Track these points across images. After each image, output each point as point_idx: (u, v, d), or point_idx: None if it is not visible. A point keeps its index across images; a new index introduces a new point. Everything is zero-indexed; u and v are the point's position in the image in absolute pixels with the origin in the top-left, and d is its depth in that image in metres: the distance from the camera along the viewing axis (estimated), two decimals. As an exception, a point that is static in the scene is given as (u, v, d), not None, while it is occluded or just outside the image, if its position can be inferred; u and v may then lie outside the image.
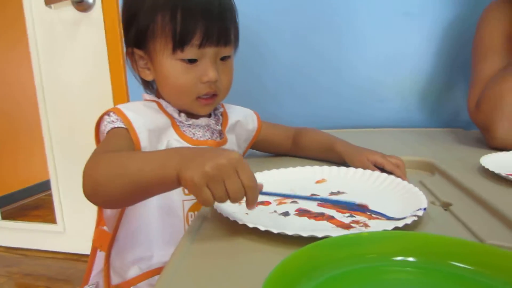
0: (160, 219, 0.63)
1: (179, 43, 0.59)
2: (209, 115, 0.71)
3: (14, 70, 2.26)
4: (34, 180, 2.45)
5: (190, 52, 0.59)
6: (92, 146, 0.58)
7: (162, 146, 0.62)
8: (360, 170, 0.62)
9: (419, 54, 1.10)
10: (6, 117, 2.25)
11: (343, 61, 1.14)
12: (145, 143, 0.58)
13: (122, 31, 0.68)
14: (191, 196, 0.61)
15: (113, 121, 0.59)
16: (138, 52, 0.64)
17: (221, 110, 0.74)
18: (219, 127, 0.71)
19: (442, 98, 1.12)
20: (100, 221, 0.69)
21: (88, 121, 1.45)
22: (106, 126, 0.59)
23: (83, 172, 0.48)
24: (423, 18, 1.08)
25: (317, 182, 0.61)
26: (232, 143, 0.73)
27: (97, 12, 1.34)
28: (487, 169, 0.63)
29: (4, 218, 1.83)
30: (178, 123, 0.66)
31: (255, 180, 0.41)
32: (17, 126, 2.32)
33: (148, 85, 0.70)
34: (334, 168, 0.64)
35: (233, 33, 0.64)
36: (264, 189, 0.55)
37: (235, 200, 0.41)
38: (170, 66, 0.61)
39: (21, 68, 2.15)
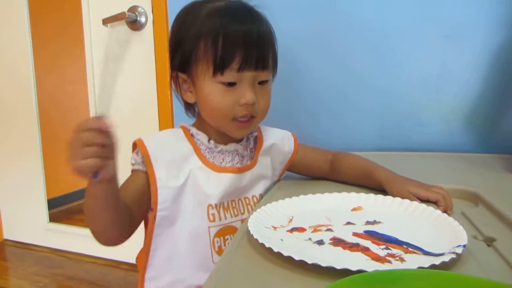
0: (189, 245, 0.66)
1: (219, 67, 0.62)
2: (239, 140, 0.73)
3: (72, 83, 2.43)
4: (80, 185, 2.58)
5: (229, 75, 0.63)
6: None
7: (185, 174, 0.66)
8: (398, 199, 0.61)
9: (466, 77, 1.07)
10: (58, 125, 2.40)
11: (383, 83, 1.13)
12: (160, 174, 0.64)
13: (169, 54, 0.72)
14: (216, 223, 0.66)
15: (136, 162, 0.65)
16: (182, 75, 0.68)
17: (255, 134, 0.76)
18: (247, 152, 0.73)
19: (491, 123, 1.08)
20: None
21: (133, 132, 1.52)
22: (132, 163, 0.66)
23: None
24: (471, 40, 1.05)
25: (353, 209, 0.61)
26: (266, 165, 0.75)
27: (148, 31, 1.42)
28: (536, 204, 0.60)
29: (51, 220, 1.93)
30: (203, 151, 0.69)
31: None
32: (66, 134, 2.47)
33: (190, 108, 0.74)
34: (372, 195, 0.63)
35: (271, 59, 0.67)
36: (299, 215, 0.57)
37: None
38: (211, 88, 0.64)
39: (78, 81, 2.30)
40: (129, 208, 0.61)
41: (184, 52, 0.65)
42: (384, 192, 0.67)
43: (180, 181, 0.65)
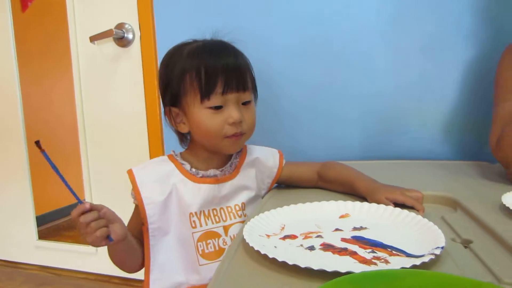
0: (180, 250, 0.74)
1: (206, 93, 0.71)
2: (222, 165, 0.80)
3: (58, 100, 2.43)
4: (68, 202, 2.57)
5: (215, 99, 0.71)
6: (123, 172, 0.77)
7: (168, 188, 0.74)
8: (382, 206, 0.65)
9: (444, 87, 1.13)
10: (46, 141, 2.39)
11: (365, 93, 1.18)
12: (146, 193, 0.74)
13: (158, 68, 0.82)
14: (197, 229, 0.74)
15: (133, 197, 0.75)
16: (174, 109, 0.76)
17: (240, 150, 0.82)
18: (229, 171, 0.80)
19: (467, 131, 1.14)
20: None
21: (122, 146, 1.54)
22: (132, 198, 0.76)
23: None
24: (448, 52, 1.11)
25: (341, 217, 0.65)
26: (250, 177, 0.81)
27: (135, 48, 1.45)
28: (509, 207, 0.64)
29: (40, 237, 1.92)
30: (185, 167, 0.77)
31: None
32: (55, 152, 2.46)
33: (183, 139, 0.82)
34: (358, 203, 0.68)
35: (250, 81, 0.76)
36: (291, 223, 0.61)
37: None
38: (201, 113, 0.72)
39: (65, 98, 2.31)
40: (139, 239, 0.76)
41: (173, 89, 0.74)
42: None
43: (164, 195, 0.74)
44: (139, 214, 0.74)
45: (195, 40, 0.78)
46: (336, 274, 0.42)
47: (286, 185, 0.88)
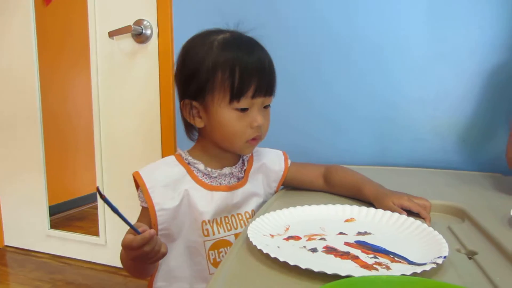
0: (188, 258, 0.73)
1: (237, 95, 0.68)
2: (235, 162, 0.79)
3: (75, 93, 2.48)
4: (80, 193, 2.62)
5: (244, 102, 0.69)
6: (135, 167, 0.74)
7: (180, 195, 0.72)
8: (388, 212, 0.65)
9: (461, 97, 1.12)
10: (61, 134, 2.44)
11: (382, 99, 1.17)
12: (157, 199, 0.70)
13: (174, 64, 0.77)
14: (210, 237, 0.72)
15: (141, 199, 0.73)
16: (194, 103, 0.72)
17: (248, 155, 0.82)
18: (242, 174, 0.79)
19: (483, 141, 1.12)
20: None
21: (136, 142, 1.57)
22: (140, 201, 0.74)
23: None
24: (467, 62, 1.10)
25: (346, 221, 0.65)
26: (258, 183, 0.81)
27: (153, 44, 1.47)
28: (517, 221, 0.63)
29: (51, 227, 1.96)
30: (197, 173, 0.75)
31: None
32: (69, 144, 2.52)
33: (193, 131, 0.80)
34: (364, 208, 0.67)
35: (275, 85, 0.74)
36: (295, 225, 0.62)
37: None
38: (226, 114, 0.70)
39: (82, 92, 2.36)
40: None
41: (199, 83, 0.70)
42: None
43: (176, 202, 0.71)
44: (146, 217, 0.72)
45: (220, 30, 0.73)
46: (336, 276, 0.42)
47: (291, 186, 0.88)
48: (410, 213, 0.66)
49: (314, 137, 1.24)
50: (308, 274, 0.45)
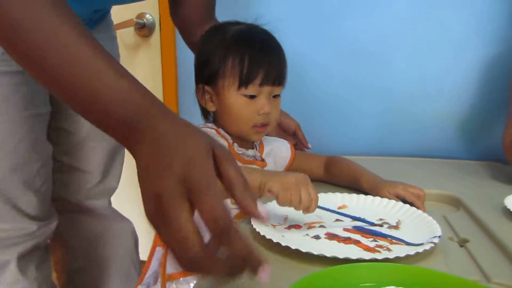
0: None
1: (245, 82, 0.72)
2: (254, 147, 0.82)
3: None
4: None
5: (252, 89, 0.72)
6: None
7: None
8: (377, 198, 0.69)
9: (461, 87, 1.12)
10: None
11: (382, 88, 1.17)
12: None
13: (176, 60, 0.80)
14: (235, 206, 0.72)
15: None
16: (207, 88, 0.77)
17: (258, 141, 0.84)
18: (261, 157, 0.82)
19: (483, 130, 1.13)
20: None
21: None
22: None
23: None
24: (467, 52, 1.10)
25: (339, 208, 0.68)
26: (271, 166, 0.83)
27: (155, 38, 1.48)
28: (510, 210, 0.65)
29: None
30: (234, 147, 0.78)
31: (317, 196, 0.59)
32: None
33: (207, 115, 0.83)
34: (354, 195, 0.71)
35: (285, 76, 0.77)
36: (293, 214, 0.64)
37: (304, 206, 0.57)
38: (235, 99, 0.74)
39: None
40: None
41: (212, 69, 0.75)
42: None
43: None
44: None
45: (237, 22, 0.79)
46: (347, 260, 0.46)
47: None
48: (405, 202, 0.68)
49: (317, 128, 1.25)
50: (309, 257, 0.48)
